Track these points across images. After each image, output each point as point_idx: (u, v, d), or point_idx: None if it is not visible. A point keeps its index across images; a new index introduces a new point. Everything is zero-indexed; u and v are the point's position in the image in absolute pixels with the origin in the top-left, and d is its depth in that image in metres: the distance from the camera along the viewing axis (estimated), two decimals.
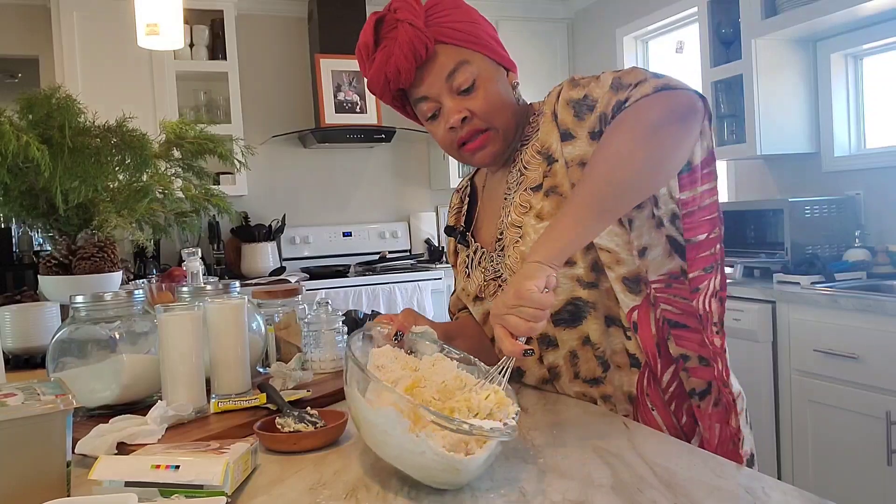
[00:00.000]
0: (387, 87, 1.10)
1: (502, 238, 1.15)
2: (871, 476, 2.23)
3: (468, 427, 0.75)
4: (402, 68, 1.06)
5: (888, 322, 2.16)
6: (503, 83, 1.13)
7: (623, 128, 0.95)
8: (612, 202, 0.93)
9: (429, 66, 1.07)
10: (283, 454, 0.93)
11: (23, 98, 1.67)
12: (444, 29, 1.07)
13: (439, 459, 0.74)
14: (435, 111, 1.11)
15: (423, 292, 3.83)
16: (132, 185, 1.80)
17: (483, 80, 1.09)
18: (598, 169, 0.94)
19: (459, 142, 1.11)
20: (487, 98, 1.09)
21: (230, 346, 1.13)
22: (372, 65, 1.09)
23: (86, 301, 1.11)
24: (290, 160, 4.29)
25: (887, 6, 2.61)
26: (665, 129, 0.94)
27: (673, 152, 0.96)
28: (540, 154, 1.10)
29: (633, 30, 4.07)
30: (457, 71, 1.07)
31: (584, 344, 1.09)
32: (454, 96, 1.09)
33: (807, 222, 2.79)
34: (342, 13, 4.03)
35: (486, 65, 1.10)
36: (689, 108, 0.96)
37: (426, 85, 1.09)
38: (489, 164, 1.18)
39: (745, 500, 0.74)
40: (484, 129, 1.10)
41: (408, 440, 0.75)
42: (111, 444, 0.90)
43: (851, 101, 3.05)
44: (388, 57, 1.06)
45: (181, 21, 2.26)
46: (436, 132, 1.14)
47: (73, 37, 3.58)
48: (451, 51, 1.08)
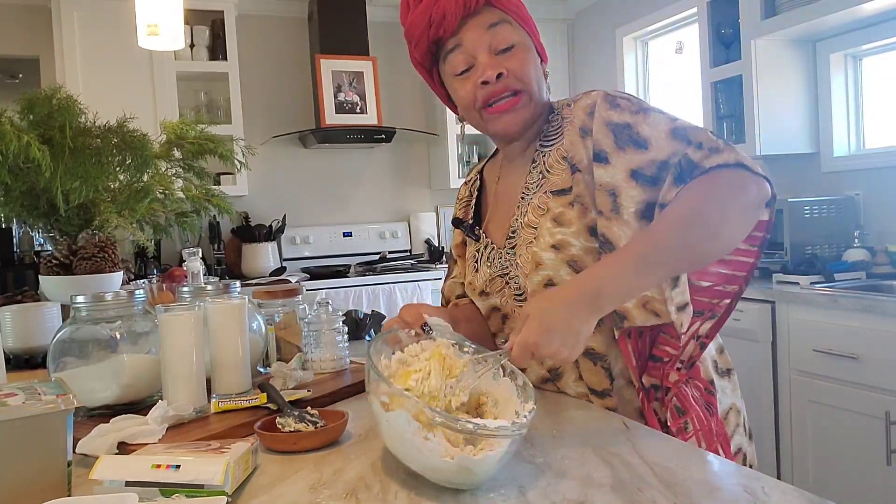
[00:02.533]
0: (426, 32, 1.09)
1: (514, 236, 1.14)
2: (871, 476, 2.23)
3: (472, 427, 0.75)
4: (448, 12, 1.05)
5: (888, 322, 2.16)
6: (536, 64, 1.12)
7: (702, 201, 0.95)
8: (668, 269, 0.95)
9: (472, 18, 1.07)
10: (283, 454, 0.93)
11: (23, 98, 1.67)
12: None
13: (451, 460, 0.75)
14: (468, 65, 1.09)
15: (423, 292, 3.83)
16: (133, 185, 1.80)
17: (521, 48, 1.09)
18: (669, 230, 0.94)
19: (488, 99, 1.09)
20: (524, 63, 1.08)
21: (230, 346, 1.13)
22: (418, 5, 1.09)
23: (86, 301, 1.12)
24: (291, 160, 4.29)
25: (887, 6, 2.61)
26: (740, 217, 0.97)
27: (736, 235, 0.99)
28: (564, 160, 1.09)
29: (632, 30, 4.07)
30: (498, 25, 1.07)
31: (587, 354, 1.09)
32: (491, 54, 1.08)
33: (806, 222, 2.79)
34: (342, 13, 4.03)
35: (527, 39, 1.11)
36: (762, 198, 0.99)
37: (465, 33, 1.08)
38: (512, 133, 1.14)
39: (745, 500, 0.74)
40: (517, 91, 1.09)
41: (420, 442, 0.75)
42: (112, 443, 0.90)
43: (851, 101, 3.05)
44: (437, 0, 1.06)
45: (181, 21, 2.26)
46: (462, 88, 1.11)
47: (73, 37, 3.58)
48: (498, 12, 1.09)
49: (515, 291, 1.14)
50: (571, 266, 1.06)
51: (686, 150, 0.99)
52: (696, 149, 0.98)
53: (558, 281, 1.07)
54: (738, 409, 1.16)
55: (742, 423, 1.16)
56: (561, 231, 1.07)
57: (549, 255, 1.07)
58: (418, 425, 0.76)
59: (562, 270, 1.07)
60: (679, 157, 0.99)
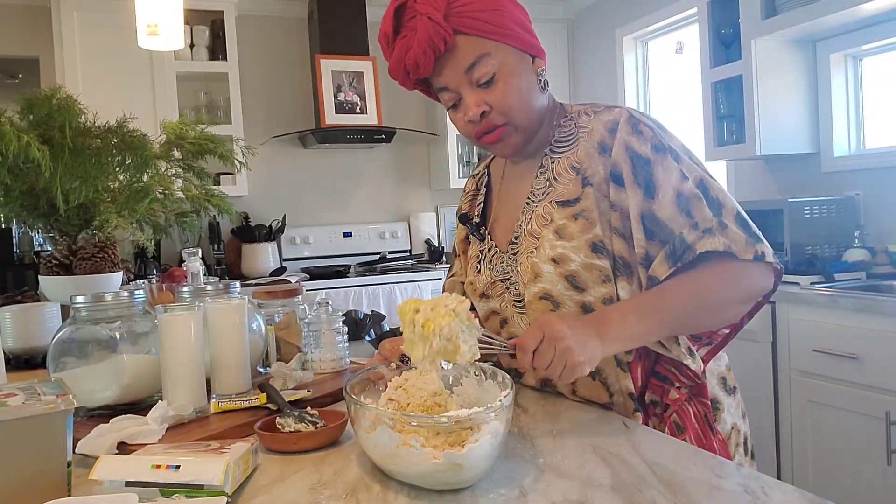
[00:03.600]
0: (406, 77, 1.09)
1: (517, 243, 1.14)
2: (871, 476, 2.23)
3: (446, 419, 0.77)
4: (420, 62, 1.05)
5: (888, 322, 2.16)
6: (526, 73, 1.09)
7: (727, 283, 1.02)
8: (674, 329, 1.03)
9: (448, 57, 1.05)
10: (283, 454, 0.93)
11: (23, 98, 1.67)
12: (464, 19, 1.04)
13: (438, 461, 0.75)
14: (455, 101, 1.10)
15: (423, 293, 3.83)
16: (133, 185, 1.80)
17: (503, 73, 1.06)
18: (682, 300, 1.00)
19: (478, 134, 1.11)
20: (507, 93, 1.07)
21: (230, 346, 1.13)
22: (392, 54, 1.08)
23: (86, 301, 1.12)
24: (291, 160, 4.29)
25: (887, 6, 2.61)
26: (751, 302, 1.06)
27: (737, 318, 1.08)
28: (574, 170, 1.09)
29: (632, 30, 4.07)
30: (476, 64, 1.05)
31: None
32: (474, 88, 1.07)
33: (806, 222, 2.79)
34: (342, 13, 4.03)
35: (509, 56, 1.07)
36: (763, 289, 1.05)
37: (445, 76, 1.07)
38: (510, 155, 1.17)
39: (745, 500, 0.74)
40: (501, 124, 1.09)
41: (404, 452, 0.76)
42: (112, 443, 0.90)
43: (851, 101, 3.05)
44: (407, 49, 1.05)
45: (181, 22, 2.26)
46: (456, 121, 1.13)
47: (73, 37, 3.58)
48: (472, 43, 1.05)
49: (515, 297, 1.14)
50: (569, 281, 1.06)
51: (682, 228, 1.02)
52: (691, 229, 1.02)
53: (555, 294, 1.07)
54: (739, 428, 1.16)
55: (743, 444, 1.16)
56: (562, 244, 1.07)
57: (548, 267, 1.08)
58: (399, 436, 0.77)
59: (559, 285, 1.07)
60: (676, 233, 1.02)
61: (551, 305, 1.08)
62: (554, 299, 1.08)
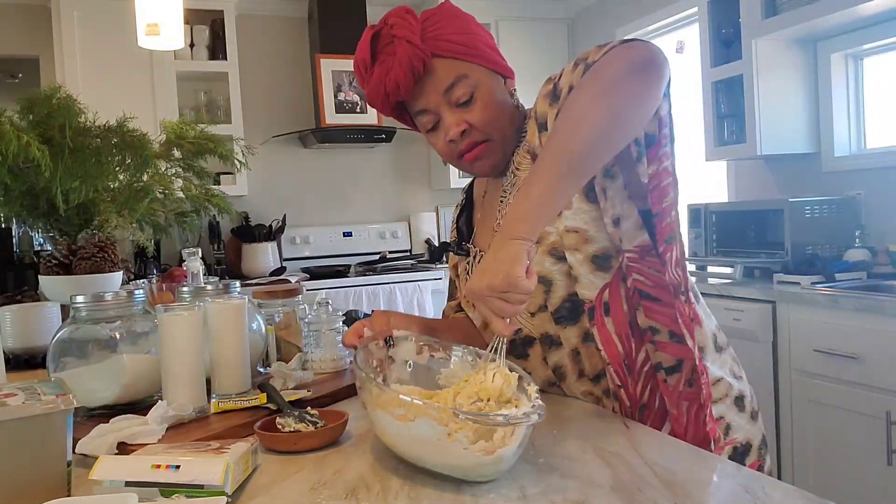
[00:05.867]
0: (386, 100, 1.11)
1: None
2: (871, 476, 2.23)
3: (503, 419, 0.78)
4: (401, 83, 1.07)
5: (888, 322, 2.16)
6: (500, 91, 1.13)
7: (583, 88, 0.94)
8: (579, 163, 0.90)
9: (427, 80, 1.08)
10: (283, 454, 0.93)
11: (23, 98, 1.67)
12: (440, 42, 1.07)
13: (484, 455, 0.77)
14: (434, 123, 1.12)
15: (423, 292, 3.83)
16: (132, 185, 1.80)
17: (481, 93, 1.09)
18: (561, 131, 0.93)
19: (459, 154, 1.12)
20: (485, 110, 1.09)
21: (230, 346, 1.13)
22: (370, 79, 1.10)
23: (86, 301, 1.11)
24: (291, 160, 4.29)
25: (887, 6, 2.60)
26: (624, 81, 0.91)
27: (634, 104, 0.92)
28: (529, 153, 1.10)
29: (633, 30, 4.07)
30: (455, 85, 1.08)
31: (585, 340, 1.09)
32: (453, 109, 1.10)
33: (807, 222, 2.79)
34: (342, 13, 4.03)
35: (484, 76, 1.11)
36: (648, 60, 0.93)
37: (424, 99, 1.10)
38: (489, 174, 1.18)
39: (745, 500, 0.74)
40: (482, 140, 1.11)
41: (450, 446, 0.78)
42: (112, 443, 0.90)
43: (851, 101, 3.05)
44: (387, 72, 1.07)
45: (181, 21, 2.26)
46: (436, 143, 1.15)
47: (73, 37, 3.58)
48: (449, 64, 1.08)
49: None
50: (553, 255, 1.07)
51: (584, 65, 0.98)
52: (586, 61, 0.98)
53: (544, 273, 1.07)
54: (731, 384, 1.13)
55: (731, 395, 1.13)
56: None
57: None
58: (443, 429, 0.78)
59: (546, 262, 1.07)
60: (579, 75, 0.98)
61: (544, 287, 1.08)
62: (544, 278, 1.08)
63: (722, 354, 1.17)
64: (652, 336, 1.07)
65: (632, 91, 0.92)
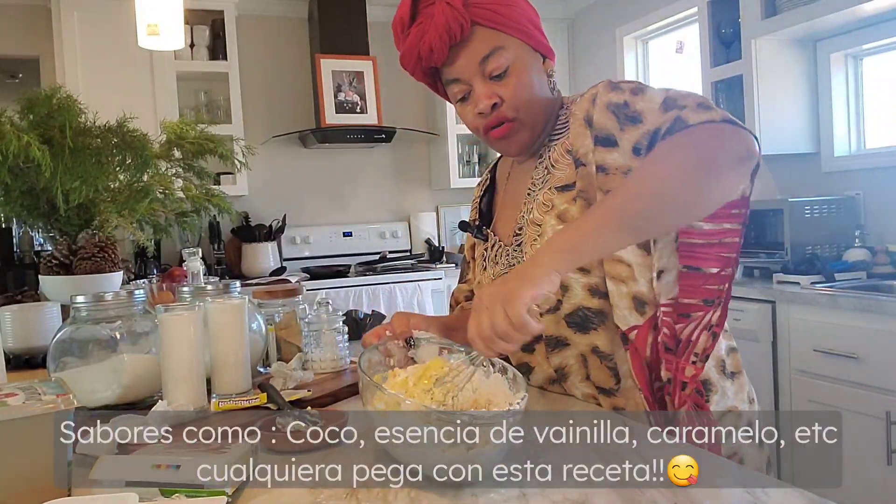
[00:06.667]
0: (418, 64, 1.08)
1: (521, 234, 1.14)
2: (871, 476, 2.23)
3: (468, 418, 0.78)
4: (435, 47, 1.04)
5: (888, 322, 2.16)
6: (538, 71, 1.10)
7: (677, 149, 0.91)
8: (643, 221, 0.89)
9: (463, 47, 1.05)
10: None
11: (23, 98, 1.67)
12: (482, 10, 1.04)
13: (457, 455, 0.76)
14: (465, 94, 1.09)
15: (423, 292, 3.83)
16: (133, 185, 1.80)
17: (516, 68, 1.06)
18: (640, 184, 0.91)
19: (487, 127, 1.09)
20: (519, 87, 1.07)
21: (231, 346, 1.13)
22: (406, 40, 1.07)
23: (87, 301, 1.12)
24: (291, 160, 4.28)
25: (887, 6, 2.61)
26: (722, 166, 0.90)
27: (721, 192, 0.91)
28: (568, 154, 1.08)
29: (633, 30, 4.07)
30: (491, 56, 1.05)
31: (594, 352, 1.08)
32: (486, 81, 1.07)
33: (807, 222, 2.79)
34: (342, 13, 4.03)
35: (522, 51, 1.07)
36: (748, 152, 0.92)
37: (458, 67, 1.07)
38: (515, 154, 1.16)
39: (746, 500, 0.74)
40: (511, 119, 1.08)
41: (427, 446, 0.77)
42: (111, 443, 0.90)
43: (851, 101, 3.05)
44: (423, 34, 1.04)
45: (181, 21, 2.26)
46: (465, 114, 1.12)
47: (73, 37, 3.58)
48: (488, 34, 1.05)
49: None
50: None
51: (679, 113, 0.97)
52: (683, 110, 0.97)
53: (564, 280, 1.06)
54: (740, 412, 1.13)
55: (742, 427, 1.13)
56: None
57: None
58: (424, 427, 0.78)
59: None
60: (670, 122, 0.97)
61: (560, 291, 1.07)
62: (562, 283, 1.07)
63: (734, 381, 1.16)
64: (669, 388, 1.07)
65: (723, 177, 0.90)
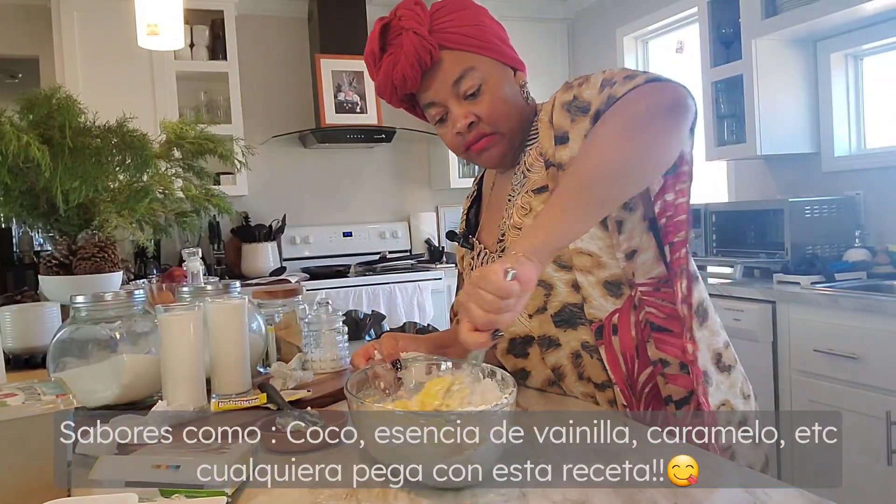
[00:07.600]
0: (394, 93, 1.12)
1: (503, 240, 1.15)
2: (871, 476, 2.23)
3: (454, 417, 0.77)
4: (407, 75, 1.07)
5: (888, 322, 2.16)
6: (510, 84, 1.13)
7: (610, 120, 0.95)
8: (599, 195, 0.90)
9: (435, 72, 1.08)
10: (283, 454, 0.93)
11: (23, 98, 1.67)
12: (448, 34, 1.07)
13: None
14: (443, 115, 1.12)
15: (423, 292, 3.82)
16: (133, 185, 1.80)
17: (489, 85, 1.09)
18: (585, 161, 0.93)
19: (466, 145, 1.12)
20: (493, 103, 1.09)
21: (230, 346, 1.13)
22: (379, 71, 1.11)
23: (86, 301, 1.12)
24: (291, 160, 4.29)
25: (887, 6, 2.61)
26: (653, 120, 0.92)
27: (660, 145, 0.93)
28: (540, 157, 1.10)
29: (633, 30, 4.07)
30: (462, 77, 1.08)
31: (584, 347, 1.09)
32: (460, 101, 1.09)
33: (807, 222, 2.79)
34: (342, 13, 4.03)
35: (492, 68, 1.10)
36: (677, 102, 0.95)
37: (433, 91, 1.10)
38: (496, 166, 1.19)
39: (745, 500, 0.74)
40: (489, 133, 1.11)
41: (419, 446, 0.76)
42: (111, 444, 0.90)
43: (851, 101, 3.05)
44: (394, 64, 1.07)
45: (181, 21, 2.26)
46: (444, 135, 1.15)
47: (73, 37, 3.58)
48: (457, 56, 1.08)
49: None
50: (557, 263, 1.07)
51: (610, 91, 0.98)
52: (613, 86, 0.98)
53: (545, 278, 1.07)
54: (735, 407, 1.13)
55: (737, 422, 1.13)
56: None
57: None
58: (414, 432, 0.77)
59: (549, 268, 1.07)
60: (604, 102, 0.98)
61: (544, 290, 1.08)
62: (545, 282, 1.08)
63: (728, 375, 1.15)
64: (662, 368, 1.07)
65: (659, 132, 0.93)
